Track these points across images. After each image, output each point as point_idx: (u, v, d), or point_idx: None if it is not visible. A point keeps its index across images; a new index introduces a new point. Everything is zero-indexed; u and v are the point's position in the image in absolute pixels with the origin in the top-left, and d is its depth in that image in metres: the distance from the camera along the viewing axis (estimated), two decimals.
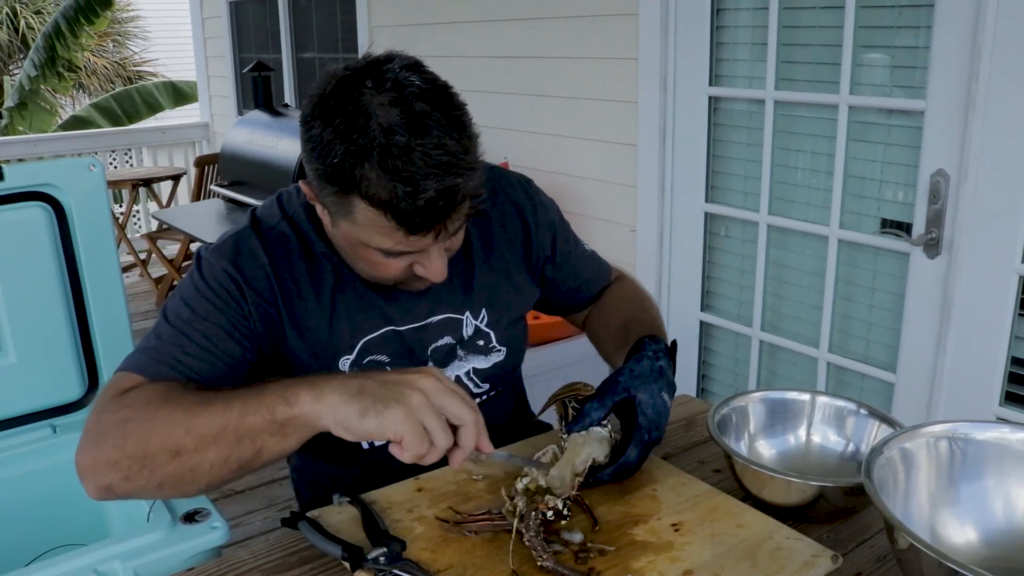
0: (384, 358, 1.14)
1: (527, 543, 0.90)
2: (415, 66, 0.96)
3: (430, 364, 1.17)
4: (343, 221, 0.98)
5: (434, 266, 1.02)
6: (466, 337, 1.19)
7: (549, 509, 0.94)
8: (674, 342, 1.13)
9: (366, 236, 0.98)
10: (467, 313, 1.19)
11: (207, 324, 1.03)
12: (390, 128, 0.90)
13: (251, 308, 1.06)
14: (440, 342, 1.17)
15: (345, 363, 1.12)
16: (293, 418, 0.86)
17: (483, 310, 1.20)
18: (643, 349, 1.07)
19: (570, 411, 1.12)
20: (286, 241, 1.11)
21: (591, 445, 1.02)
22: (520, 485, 0.98)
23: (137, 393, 0.96)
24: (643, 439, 1.02)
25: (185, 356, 1.01)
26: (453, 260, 1.13)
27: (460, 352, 1.19)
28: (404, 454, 0.84)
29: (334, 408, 0.84)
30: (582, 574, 0.88)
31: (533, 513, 0.93)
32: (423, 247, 0.99)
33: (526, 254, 1.25)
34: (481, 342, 1.20)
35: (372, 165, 0.90)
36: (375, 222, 0.94)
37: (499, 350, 1.22)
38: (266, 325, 1.08)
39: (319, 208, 1.04)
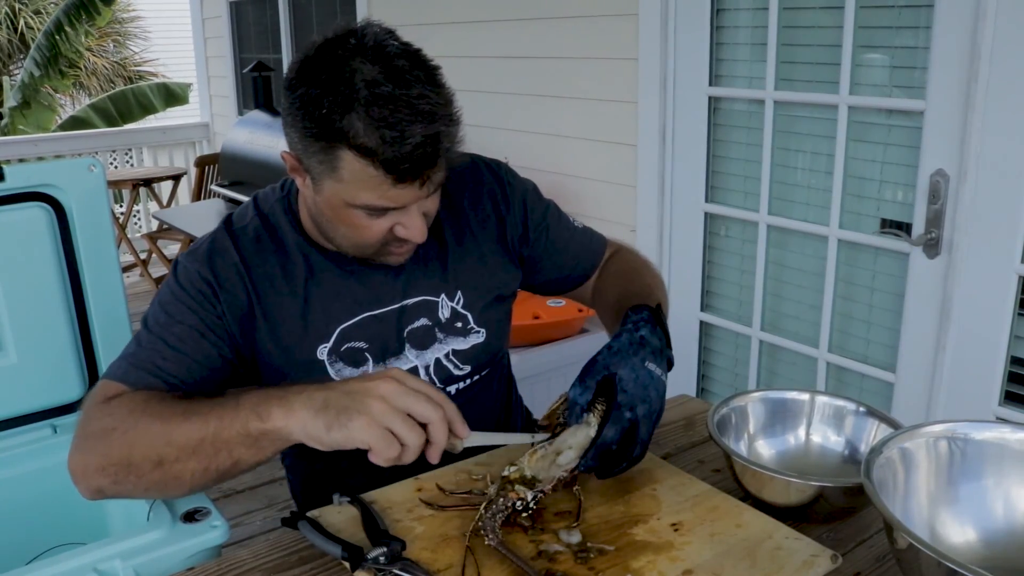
0: (362, 344, 1.15)
1: (479, 522, 0.92)
2: (391, 32, 1.01)
3: (407, 347, 1.19)
4: (328, 181, 1.00)
5: (414, 225, 1.04)
6: (443, 319, 1.20)
7: (519, 499, 0.94)
8: (658, 305, 1.08)
9: (351, 193, 1.00)
10: (442, 295, 1.20)
11: (182, 327, 1.06)
12: (374, 81, 0.94)
13: (224, 308, 1.09)
14: (416, 324, 1.19)
15: (323, 351, 1.14)
16: (266, 432, 0.90)
17: (458, 292, 1.21)
18: (625, 325, 1.03)
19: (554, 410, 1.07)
20: (257, 238, 1.14)
21: (578, 435, 0.98)
22: (504, 472, 0.97)
23: (120, 402, 0.99)
24: (624, 416, 0.96)
25: (163, 361, 1.04)
26: (427, 244, 1.14)
27: (439, 334, 1.20)
28: (378, 459, 0.86)
29: (303, 423, 0.88)
30: (520, 557, 0.88)
31: (501, 500, 0.94)
32: (406, 202, 1.01)
33: (500, 235, 1.25)
34: (459, 324, 1.21)
35: (358, 114, 0.94)
36: (361, 174, 0.96)
37: (478, 331, 1.22)
38: (240, 325, 1.10)
39: (300, 180, 1.06)
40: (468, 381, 1.24)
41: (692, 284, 2.61)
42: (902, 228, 2.04)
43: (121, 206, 5.42)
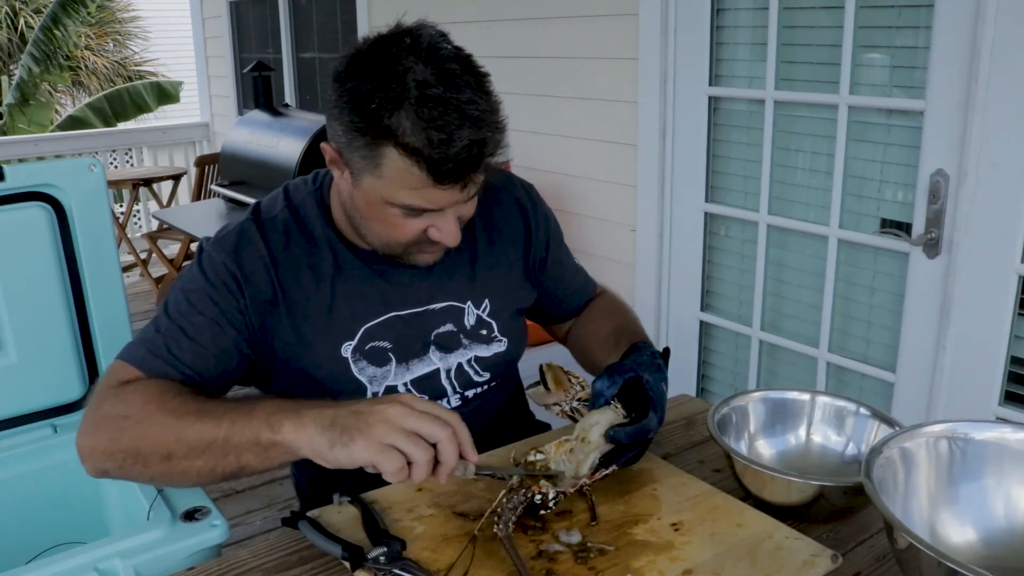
0: (386, 344, 1.15)
1: (497, 510, 0.92)
2: (445, 35, 1.01)
3: (432, 349, 1.18)
4: (368, 176, 1.00)
5: (449, 228, 1.04)
6: (468, 326, 1.20)
7: (540, 493, 0.94)
8: (666, 349, 1.13)
9: (391, 191, 1.00)
10: (469, 302, 1.20)
11: (202, 318, 1.06)
12: (425, 81, 0.95)
13: (247, 302, 1.08)
14: (442, 329, 1.19)
15: (347, 348, 1.13)
16: (275, 443, 0.91)
17: (485, 300, 1.22)
18: (639, 350, 1.08)
19: (568, 380, 1.12)
20: (287, 230, 1.13)
21: (606, 414, 1.00)
22: (531, 457, 0.99)
23: (135, 389, 1.00)
24: (661, 407, 1.01)
25: (180, 351, 1.04)
26: (458, 249, 1.14)
27: (464, 340, 1.20)
28: (386, 476, 0.87)
29: (309, 439, 0.89)
30: (520, 557, 0.88)
31: (523, 492, 0.94)
32: (444, 204, 1.01)
33: (525, 254, 1.27)
34: (484, 331, 1.21)
35: (408, 113, 0.94)
36: (404, 173, 0.96)
37: (500, 340, 1.23)
38: (263, 319, 1.09)
39: (338, 173, 1.06)
40: (485, 387, 1.24)
41: (692, 284, 2.61)
42: (902, 228, 2.04)
43: (121, 206, 5.42)
